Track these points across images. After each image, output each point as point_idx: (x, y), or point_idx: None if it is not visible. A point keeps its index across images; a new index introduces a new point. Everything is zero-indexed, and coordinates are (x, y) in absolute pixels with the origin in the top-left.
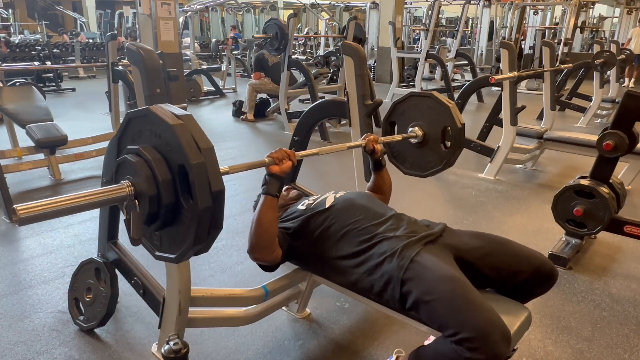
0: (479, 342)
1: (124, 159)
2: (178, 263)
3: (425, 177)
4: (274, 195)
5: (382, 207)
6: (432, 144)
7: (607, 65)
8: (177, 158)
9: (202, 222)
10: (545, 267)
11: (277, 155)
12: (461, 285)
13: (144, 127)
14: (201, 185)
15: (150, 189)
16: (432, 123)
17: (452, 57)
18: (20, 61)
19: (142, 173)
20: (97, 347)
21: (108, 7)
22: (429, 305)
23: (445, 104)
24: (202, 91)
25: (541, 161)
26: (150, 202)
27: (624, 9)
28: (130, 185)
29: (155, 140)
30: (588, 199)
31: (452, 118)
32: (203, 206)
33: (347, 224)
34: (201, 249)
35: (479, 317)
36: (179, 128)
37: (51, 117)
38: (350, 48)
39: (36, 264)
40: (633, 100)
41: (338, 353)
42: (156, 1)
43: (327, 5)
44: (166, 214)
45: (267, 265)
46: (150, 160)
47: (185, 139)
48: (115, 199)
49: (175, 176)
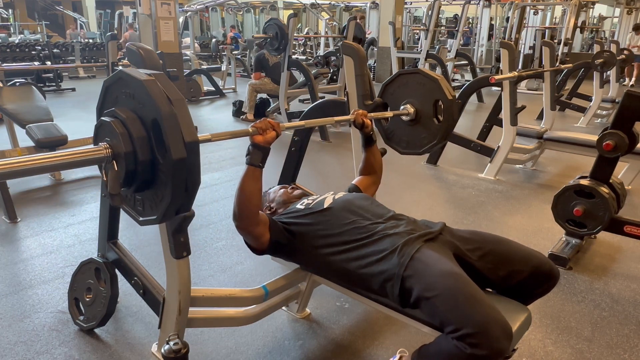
0: (480, 337)
1: (101, 121)
2: (161, 223)
3: (422, 154)
4: (257, 166)
5: (381, 208)
6: (425, 119)
7: (607, 65)
8: (150, 113)
9: (177, 174)
10: (544, 267)
11: (261, 125)
12: (462, 281)
13: (119, 91)
14: (173, 135)
15: (126, 146)
16: (423, 99)
17: (452, 57)
18: (20, 61)
19: (117, 132)
20: (97, 347)
21: (108, 7)
22: (430, 301)
23: (434, 77)
24: (202, 91)
25: (541, 161)
26: (127, 159)
27: (624, 9)
28: (107, 147)
29: (130, 101)
30: (588, 199)
31: (441, 91)
32: (177, 157)
33: (346, 223)
34: (182, 207)
35: (480, 313)
36: (149, 83)
37: (51, 117)
38: (350, 48)
39: (36, 264)
40: (633, 100)
41: (338, 353)
42: (156, 1)
43: (327, 5)
44: (144, 172)
45: (254, 248)
46: (125, 119)
47: (156, 92)
48: (92, 159)
49: (149, 132)
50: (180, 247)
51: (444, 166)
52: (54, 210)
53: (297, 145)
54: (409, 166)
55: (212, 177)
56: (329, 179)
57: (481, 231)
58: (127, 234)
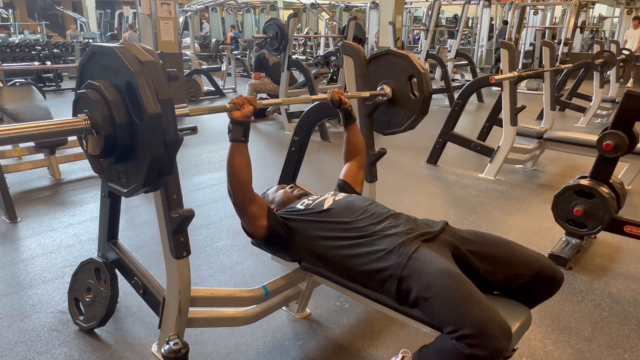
0: (479, 338)
1: (78, 94)
2: (144, 187)
3: (405, 131)
4: (240, 141)
5: (380, 208)
6: (403, 97)
7: (607, 65)
8: (124, 77)
9: (154, 131)
10: (546, 271)
11: (238, 100)
12: (459, 281)
13: (95, 66)
14: (147, 93)
15: (103, 112)
16: (397, 78)
17: (452, 57)
18: (20, 61)
19: (92, 100)
20: (97, 347)
21: (108, 7)
22: (428, 302)
23: (404, 54)
24: (202, 91)
25: (541, 161)
26: (104, 124)
27: (624, 9)
28: (86, 118)
29: (105, 72)
30: (588, 199)
31: (414, 66)
32: (152, 112)
33: (345, 222)
34: (164, 168)
35: (478, 313)
36: (120, 49)
37: (51, 117)
38: (350, 48)
39: (36, 264)
40: (633, 100)
41: (338, 353)
42: (156, 1)
43: (327, 5)
44: (122, 137)
45: (252, 233)
46: (99, 87)
47: (127, 56)
48: (72, 130)
49: (125, 97)
50: (180, 247)
51: (444, 166)
52: (54, 210)
53: (297, 145)
54: (409, 166)
55: (212, 177)
56: (329, 179)
57: (484, 232)
58: (127, 234)
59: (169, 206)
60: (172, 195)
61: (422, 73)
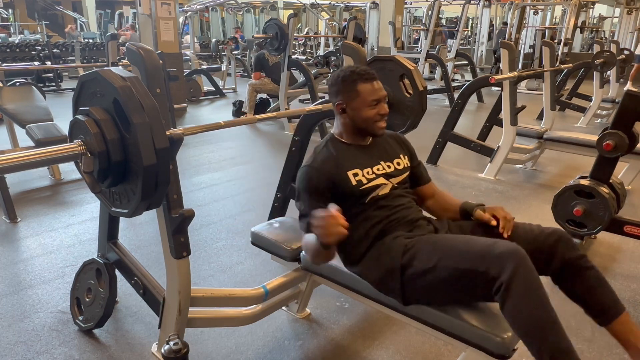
0: (494, 263)
1: (75, 119)
2: (149, 200)
3: (409, 131)
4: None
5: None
6: (399, 99)
7: (607, 65)
8: (110, 95)
9: (143, 138)
10: (550, 239)
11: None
12: (451, 237)
13: (94, 90)
14: (132, 104)
15: (99, 145)
16: (388, 81)
17: (452, 57)
18: (20, 61)
19: (90, 132)
20: (97, 347)
21: (108, 7)
22: (437, 270)
23: (389, 57)
24: (202, 91)
25: (541, 161)
26: (100, 157)
27: (624, 9)
28: (81, 144)
29: (96, 97)
30: (588, 199)
31: (402, 65)
32: (136, 121)
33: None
34: (158, 174)
35: (477, 250)
36: (104, 72)
37: (51, 117)
38: (351, 48)
39: (36, 264)
40: (633, 100)
41: (338, 353)
42: (156, 1)
43: (327, 5)
44: (115, 152)
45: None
46: (89, 110)
47: (110, 75)
48: (69, 156)
49: (113, 115)
50: (180, 247)
51: (444, 166)
52: (54, 210)
53: (297, 145)
54: None
55: (212, 177)
56: None
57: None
58: (127, 234)
59: (169, 206)
60: (172, 195)
61: (411, 69)
